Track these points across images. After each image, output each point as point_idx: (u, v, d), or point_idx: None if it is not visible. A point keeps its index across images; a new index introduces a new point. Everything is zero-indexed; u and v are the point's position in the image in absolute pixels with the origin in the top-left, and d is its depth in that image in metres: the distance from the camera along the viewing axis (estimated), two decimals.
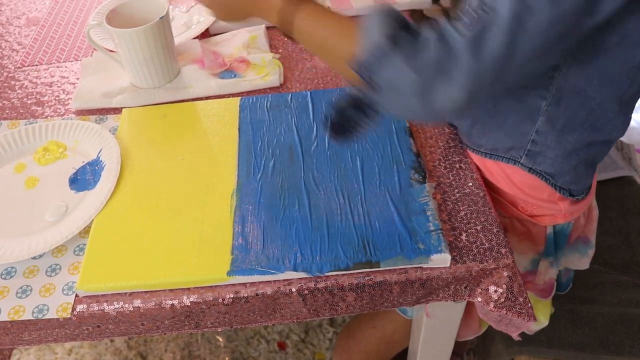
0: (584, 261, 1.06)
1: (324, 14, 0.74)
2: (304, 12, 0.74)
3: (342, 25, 0.72)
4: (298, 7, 0.75)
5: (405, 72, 0.61)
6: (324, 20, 0.74)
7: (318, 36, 0.74)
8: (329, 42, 0.73)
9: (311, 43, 0.76)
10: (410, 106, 0.64)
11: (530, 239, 0.97)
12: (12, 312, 0.75)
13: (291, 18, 0.75)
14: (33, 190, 0.89)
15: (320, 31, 0.74)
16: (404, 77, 0.62)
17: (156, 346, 1.66)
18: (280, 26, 0.77)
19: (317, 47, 0.76)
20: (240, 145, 0.92)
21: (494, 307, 0.79)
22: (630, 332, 1.12)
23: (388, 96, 0.65)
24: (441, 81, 0.60)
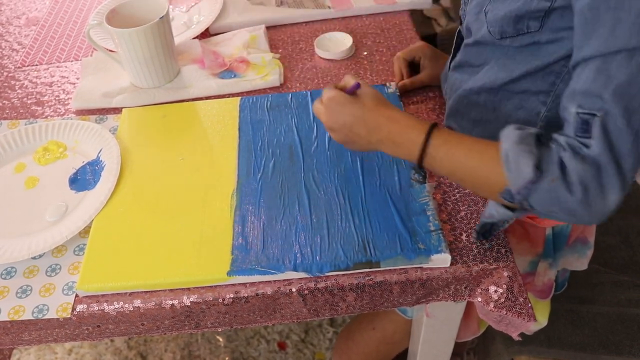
0: (583, 262, 1.05)
1: (460, 143, 0.72)
2: (442, 145, 0.72)
3: (482, 153, 0.70)
4: (435, 139, 0.72)
5: (557, 197, 0.64)
6: (462, 150, 0.71)
7: (460, 168, 0.72)
8: (472, 173, 0.71)
9: (451, 174, 0.74)
10: (570, 218, 0.67)
11: (529, 240, 0.97)
12: (12, 312, 0.75)
13: (428, 151, 0.72)
14: (33, 190, 0.89)
15: (461, 162, 0.71)
16: (557, 200, 0.64)
17: (156, 346, 1.66)
18: (415, 159, 0.74)
19: (457, 178, 0.74)
20: (240, 145, 0.92)
21: (494, 307, 0.79)
22: (630, 332, 1.12)
23: (543, 213, 0.68)
24: (597, 194, 0.63)
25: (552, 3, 0.69)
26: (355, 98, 0.78)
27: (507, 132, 0.68)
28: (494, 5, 0.76)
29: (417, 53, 1.01)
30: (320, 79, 1.07)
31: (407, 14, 1.23)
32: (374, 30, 1.18)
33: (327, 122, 0.79)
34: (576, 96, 0.64)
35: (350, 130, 0.77)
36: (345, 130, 0.77)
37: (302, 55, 1.13)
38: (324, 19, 1.23)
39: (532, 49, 0.75)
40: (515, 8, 0.72)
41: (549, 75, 0.76)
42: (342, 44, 1.13)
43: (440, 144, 0.72)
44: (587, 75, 0.63)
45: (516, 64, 0.78)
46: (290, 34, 1.20)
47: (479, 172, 0.70)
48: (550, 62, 0.74)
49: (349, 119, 0.77)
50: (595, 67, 0.62)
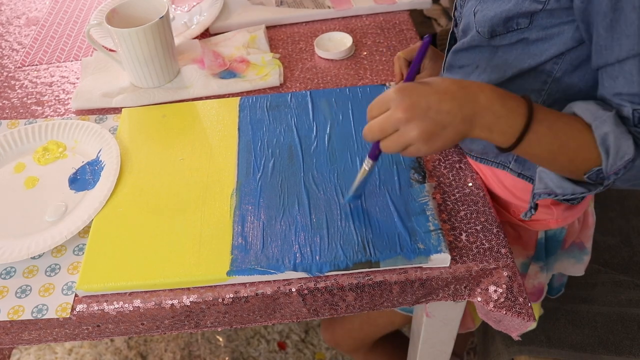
0: (579, 267, 1.05)
1: (556, 120, 0.67)
2: (544, 121, 0.66)
3: (577, 133, 0.67)
4: (538, 113, 0.66)
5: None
6: (560, 130, 0.67)
7: (554, 149, 0.67)
8: (565, 155, 0.67)
9: (544, 154, 0.68)
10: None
11: (521, 243, 0.96)
12: (12, 312, 0.75)
13: (531, 125, 0.65)
14: (32, 190, 0.89)
15: (558, 138, 0.66)
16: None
17: (156, 346, 1.66)
18: (506, 137, 0.66)
19: (545, 157, 0.69)
20: (239, 145, 0.92)
21: (494, 307, 0.79)
22: (630, 332, 1.12)
23: (625, 184, 0.70)
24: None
25: (545, 5, 0.69)
26: (425, 81, 0.65)
27: (598, 113, 0.66)
28: (483, 5, 0.76)
29: None
30: (320, 79, 1.07)
31: (407, 14, 1.23)
32: (374, 30, 1.18)
33: (405, 112, 0.62)
34: (623, 96, 0.66)
35: (439, 110, 0.62)
36: (431, 113, 0.62)
37: (302, 55, 1.13)
38: (324, 18, 1.23)
39: (522, 47, 0.75)
40: (505, 9, 0.72)
41: (540, 74, 0.76)
42: (342, 44, 1.13)
43: (543, 119, 0.65)
44: (628, 77, 0.64)
45: (507, 65, 0.78)
46: (290, 34, 1.20)
47: (576, 152, 0.67)
48: (542, 61, 0.74)
49: (433, 97, 0.63)
50: (637, 68, 0.63)
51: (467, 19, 0.81)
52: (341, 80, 1.06)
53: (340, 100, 0.98)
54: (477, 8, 0.77)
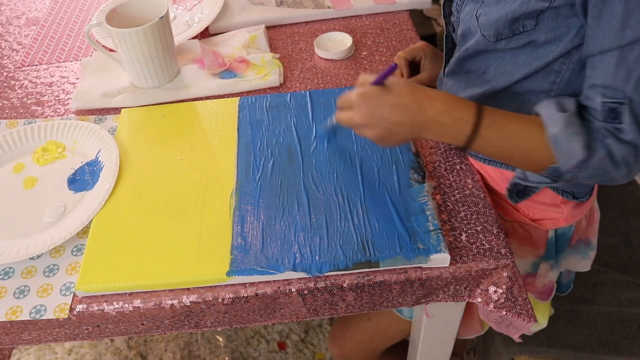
0: (585, 263, 1.05)
1: (507, 122, 0.73)
2: (493, 125, 0.72)
3: (528, 132, 0.72)
4: (487, 118, 0.72)
5: (605, 172, 0.70)
6: (511, 130, 0.73)
7: (508, 148, 0.74)
8: (520, 153, 0.74)
9: (498, 154, 0.76)
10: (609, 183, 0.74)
11: (531, 243, 0.96)
12: (10, 312, 0.75)
13: (479, 131, 0.72)
14: (31, 191, 0.89)
15: (510, 143, 0.73)
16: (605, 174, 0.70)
17: (156, 346, 1.66)
18: (456, 141, 0.74)
19: (503, 157, 0.76)
20: (239, 146, 0.92)
21: (494, 307, 0.79)
22: (630, 332, 1.12)
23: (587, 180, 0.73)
24: (636, 166, 0.69)
25: (551, 3, 0.69)
26: (386, 87, 0.74)
27: (550, 114, 0.70)
28: (487, 9, 0.76)
29: (417, 53, 1.01)
30: (320, 79, 1.07)
31: (407, 14, 1.23)
32: (373, 30, 1.18)
33: (362, 119, 0.74)
34: (597, 88, 0.67)
35: (391, 121, 0.73)
36: (384, 122, 0.73)
37: (302, 55, 1.13)
38: (324, 18, 1.23)
39: (529, 50, 0.75)
40: (511, 10, 0.72)
41: (548, 74, 0.76)
42: (341, 44, 1.13)
43: (491, 124, 0.72)
44: (606, 68, 0.66)
45: (516, 67, 0.77)
46: (290, 34, 1.20)
47: (528, 153, 0.72)
48: (549, 61, 0.74)
49: (386, 108, 0.73)
50: (614, 61, 0.65)
51: (468, 24, 0.80)
52: (341, 80, 1.06)
53: None
54: (479, 12, 0.77)
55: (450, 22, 0.89)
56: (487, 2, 0.76)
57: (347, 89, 1.00)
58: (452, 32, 0.89)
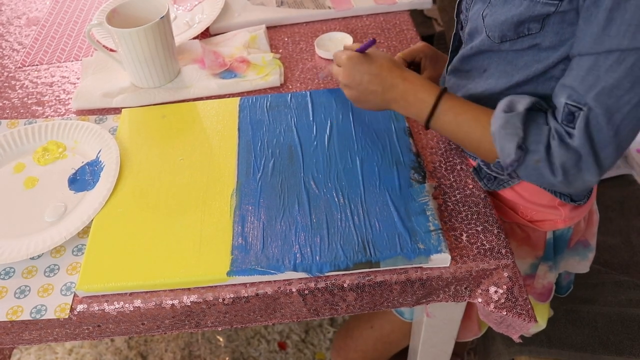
0: (584, 264, 1.05)
1: (465, 111, 0.79)
2: (449, 110, 0.79)
3: (482, 125, 0.76)
4: (444, 104, 0.79)
5: (541, 175, 0.71)
6: (466, 119, 0.78)
7: (461, 134, 0.79)
8: (472, 142, 0.79)
9: (453, 138, 0.81)
10: (551, 189, 0.82)
11: (530, 244, 0.96)
12: (10, 312, 0.75)
13: (436, 113, 0.79)
14: (32, 191, 0.89)
15: (463, 130, 0.78)
16: (541, 177, 0.72)
17: (156, 346, 1.66)
18: (418, 119, 0.82)
19: (458, 141, 0.81)
20: (239, 146, 0.92)
21: (495, 307, 0.79)
22: (631, 332, 1.12)
23: (527, 180, 0.76)
24: (576, 177, 0.70)
25: (557, 7, 0.68)
26: (372, 58, 0.84)
27: (496, 112, 0.73)
28: (493, 9, 0.76)
29: (417, 54, 1.01)
30: (321, 79, 1.07)
31: (407, 14, 1.23)
32: (374, 30, 1.18)
33: (344, 79, 0.85)
34: (566, 88, 0.68)
35: (366, 88, 0.83)
36: (361, 87, 0.84)
37: (303, 55, 1.13)
38: (324, 19, 1.23)
39: (532, 52, 0.75)
40: (517, 13, 0.72)
41: (549, 80, 0.75)
42: (342, 44, 1.13)
43: (447, 109, 0.79)
44: (578, 71, 0.67)
45: (516, 69, 0.77)
46: (290, 34, 1.20)
47: (478, 143, 0.77)
48: (550, 65, 0.74)
49: (366, 76, 0.83)
50: (587, 66, 0.66)
51: (475, 23, 0.81)
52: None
53: (340, 100, 0.98)
54: (485, 12, 0.77)
55: (460, 21, 0.89)
56: (494, 2, 0.76)
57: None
58: (460, 30, 0.89)
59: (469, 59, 0.84)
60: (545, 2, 0.69)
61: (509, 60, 0.78)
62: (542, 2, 0.69)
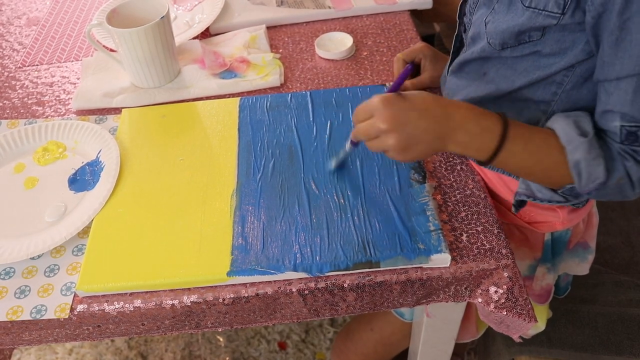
0: (584, 266, 1.05)
1: (531, 138, 0.72)
2: (519, 138, 0.71)
3: (549, 151, 0.71)
4: (513, 131, 0.71)
5: (621, 191, 0.71)
6: (534, 147, 0.72)
7: (530, 165, 0.73)
8: (541, 171, 0.74)
9: (520, 169, 0.75)
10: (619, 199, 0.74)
11: (528, 245, 0.96)
12: (11, 312, 0.75)
13: (505, 144, 0.70)
14: (32, 191, 0.89)
15: (533, 155, 0.72)
16: (620, 193, 0.71)
17: (157, 346, 1.66)
18: (480, 154, 0.72)
19: (524, 173, 0.76)
20: (240, 146, 0.92)
21: (495, 307, 0.79)
22: (631, 332, 1.12)
23: (600, 198, 0.75)
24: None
25: (559, 20, 0.68)
26: (408, 95, 0.71)
27: (570, 138, 0.70)
28: (495, 17, 0.76)
29: (417, 54, 1.01)
30: (321, 79, 1.07)
31: (407, 14, 1.22)
32: (374, 30, 1.18)
33: (385, 123, 0.69)
34: (616, 113, 0.67)
35: (416, 126, 0.69)
36: (409, 128, 0.69)
37: (303, 55, 1.13)
38: (325, 19, 1.22)
39: (533, 59, 0.75)
40: (518, 23, 0.72)
41: (550, 85, 0.75)
42: (342, 44, 1.13)
43: (518, 136, 0.71)
44: (623, 95, 0.66)
45: (517, 74, 0.77)
46: (290, 34, 1.20)
47: (553, 169, 0.72)
48: (552, 72, 0.74)
49: (412, 113, 0.69)
50: (632, 88, 0.65)
51: (478, 28, 0.80)
52: (342, 80, 1.06)
53: (341, 101, 0.98)
54: (488, 18, 0.77)
55: (463, 23, 0.89)
56: (497, 10, 0.75)
57: (347, 89, 1.00)
58: (463, 33, 0.89)
59: (469, 62, 0.84)
60: (547, 14, 0.69)
61: (509, 65, 0.78)
62: (544, 14, 0.69)
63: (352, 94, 0.99)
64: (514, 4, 0.73)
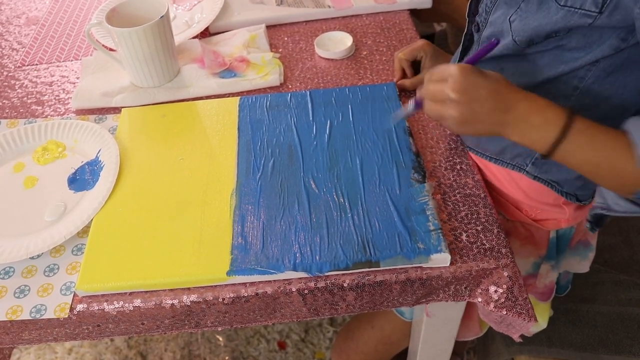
0: (584, 264, 1.05)
1: (599, 131, 0.68)
2: (584, 131, 0.67)
3: (619, 149, 0.66)
4: (579, 123, 0.67)
5: None
6: (602, 142, 0.67)
7: (595, 161, 0.68)
8: (608, 170, 0.68)
9: (583, 165, 0.70)
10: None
11: (533, 243, 0.96)
12: (10, 312, 0.75)
13: (568, 135, 0.67)
14: (32, 190, 0.89)
15: (598, 151, 0.68)
16: None
17: (156, 345, 1.66)
18: (540, 145, 0.69)
19: (587, 170, 0.70)
20: (239, 145, 0.92)
21: (494, 307, 0.79)
22: (630, 331, 1.12)
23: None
24: None
25: (595, 19, 0.66)
26: (485, 72, 0.70)
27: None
28: (523, 15, 0.74)
29: (418, 52, 1.01)
30: (320, 79, 1.07)
31: (407, 14, 1.22)
32: (374, 29, 1.18)
33: (455, 91, 0.69)
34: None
35: (482, 105, 0.69)
36: (475, 104, 0.69)
37: (302, 54, 1.13)
38: (324, 18, 1.22)
39: (555, 53, 0.74)
40: (551, 21, 0.70)
41: (572, 80, 0.74)
42: (342, 44, 1.13)
43: (582, 129, 0.67)
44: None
45: (539, 69, 0.76)
46: (290, 33, 1.20)
47: (617, 170, 0.67)
48: (576, 67, 0.73)
49: (483, 91, 0.69)
50: None
51: (499, 27, 0.78)
52: (341, 79, 1.06)
53: (340, 100, 0.98)
54: (513, 17, 0.75)
55: (476, 22, 0.86)
56: (525, 8, 0.73)
57: (347, 89, 1.00)
58: (476, 32, 0.87)
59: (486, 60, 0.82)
60: (583, 13, 0.67)
61: (530, 60, 0.77)
62: (579, 13, 0.67)
63: (351, 94, 0.99)
64: (545, 3, 0.71)
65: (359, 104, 0.97)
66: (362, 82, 1.05)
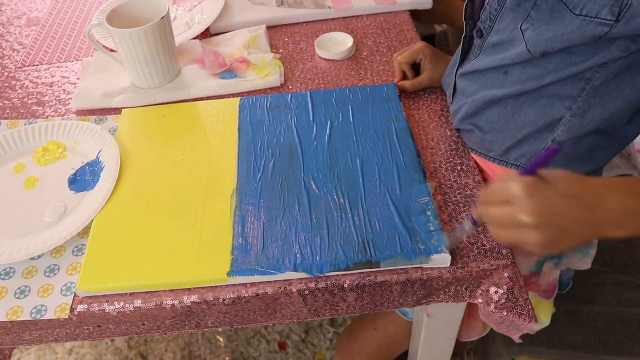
0: (586, 261, 1.05)
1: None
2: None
3: None
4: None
5: None
6: None
7: None
8: None
9: None
10: None
11: None
12: (10, 312, 0.75)
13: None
14: (32, 191, 0.89)
15: None
16: None
17: (156, 346, 1.66)
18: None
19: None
20: (240, 146, 0.92)
21: (495, 308, 0.79)
22: (630, 332, 1.12)
23: None
24: None
25: (611, 28, 0.65)
26: (547, 178, 0.60)
27: None
28: (535, 24, 0.72)
29: (417, 55, 1.01)
30: (321, 79, 1.07)
31: (407, 14, 1.23)
32: (374, 30, 1.18)
33: (532, 216, 0.58)
34: None
35: (566, 217, 0.58)
36: (557, 219, 0.58)
37: (303, 55, 1.13)
38: (325, 18, 1.23)
39: (563, 55, 0.73)
40: (566, 31, 0.68)
41: (579, 81, 0.74)
42: (342, 44, 1.13)
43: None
44: None
45: (546, 72, 0.75)
46: (290, 34, 1.20)
47: None
48: (584, 69, 0.72)
49: (559, 201, 0.58)
50: None
51: (508, 35, 0.77)
52: (342, 80, 1.06)
53: (341, 101, 0.98)
54: (525, 25, 0.74)
55: (477, 28, 0.84)
56: (536, 18, 0.72)
57: (347, 89, 1.00)
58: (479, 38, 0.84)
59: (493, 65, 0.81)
60: (599, 22, 0.65)
61: (536, 63, 0.76)
62: (595, 22, 0.65)
63: (352, 94, 0.99)
64: (557, 12, 0.69)
65: (359, 104, 0.97)
66: (363, 82, 1.05)
